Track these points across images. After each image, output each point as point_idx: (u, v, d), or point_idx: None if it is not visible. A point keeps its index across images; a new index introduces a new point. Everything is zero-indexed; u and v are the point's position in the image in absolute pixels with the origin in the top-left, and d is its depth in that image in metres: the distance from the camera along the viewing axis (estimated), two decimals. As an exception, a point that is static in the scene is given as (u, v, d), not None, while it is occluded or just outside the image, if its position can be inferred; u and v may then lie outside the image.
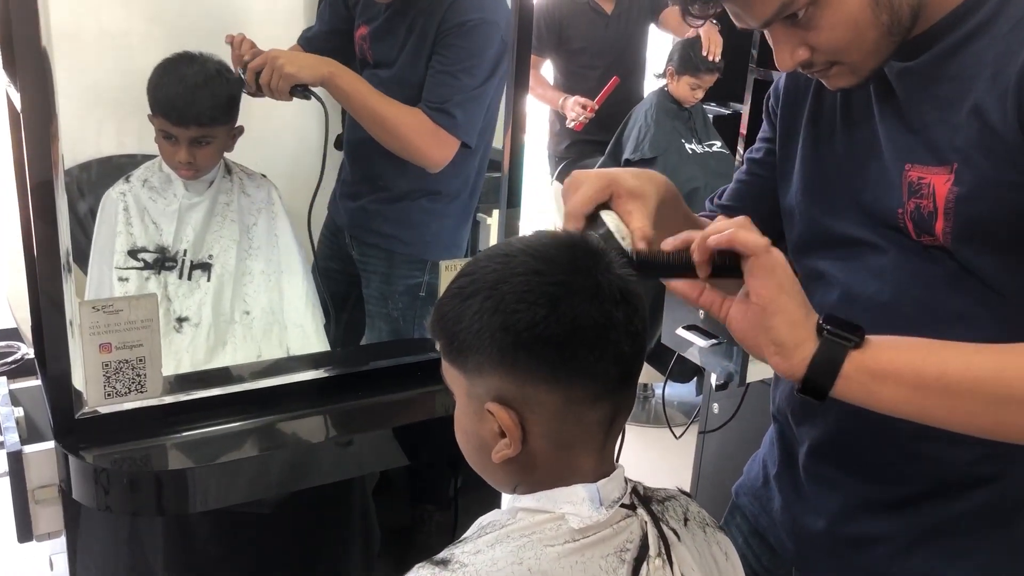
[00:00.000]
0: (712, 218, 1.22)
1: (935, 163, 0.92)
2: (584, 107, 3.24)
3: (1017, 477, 0.98)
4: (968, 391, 0.82)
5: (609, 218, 0.96)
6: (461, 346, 0.81)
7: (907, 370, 0.83)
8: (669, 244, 0.92)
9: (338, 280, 1.92)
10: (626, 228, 0.95)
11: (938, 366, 0.83)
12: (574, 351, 0.78)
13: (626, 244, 0.93)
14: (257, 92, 1.59)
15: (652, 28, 3.60)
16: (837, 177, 1.04)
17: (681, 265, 0.90)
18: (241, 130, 1.70)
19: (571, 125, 3.29)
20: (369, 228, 1.87)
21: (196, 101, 1.59)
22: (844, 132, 1.04)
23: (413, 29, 1.69)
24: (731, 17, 0.95)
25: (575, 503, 0.82)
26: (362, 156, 1.84)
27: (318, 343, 1.80)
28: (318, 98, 1.58)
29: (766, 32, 0.96)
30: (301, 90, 1.57)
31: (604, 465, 0.86)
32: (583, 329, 0.78)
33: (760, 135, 1.21)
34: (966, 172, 0.89)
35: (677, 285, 0.94)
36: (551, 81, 3.56)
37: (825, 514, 1.10)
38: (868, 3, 0.89)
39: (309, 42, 1.83)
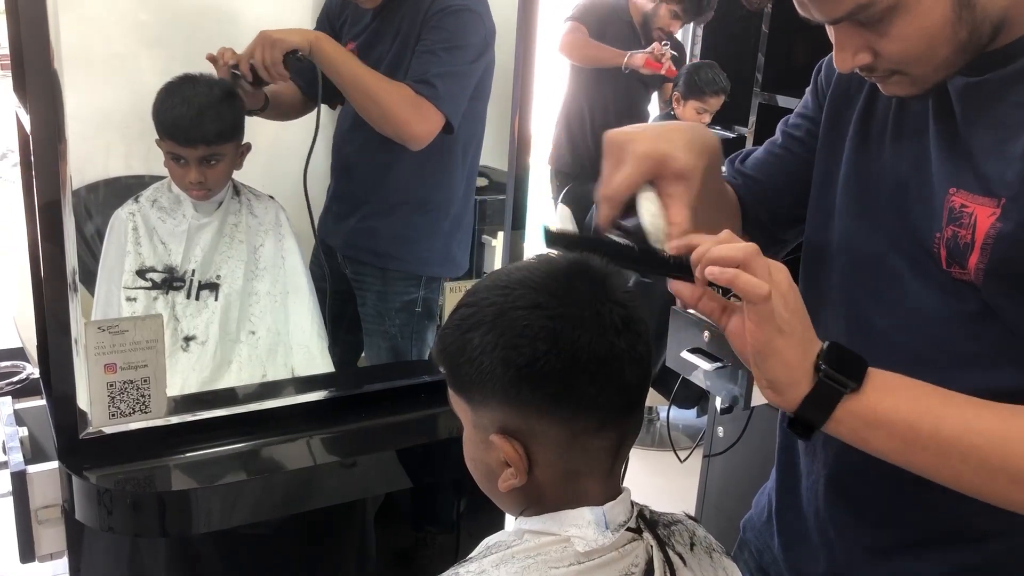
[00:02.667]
0: (733, 184, 1.14)
1: (981, 192, 0.85)
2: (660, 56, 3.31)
3: None
4: (959, 454, 0.80)
5: (646, 209, 0.89)
6: (464, 378, 0.81)
7: (902, 423, 0.81)
8: (672, 248, 0.86)
9: (333, 300, 1.92)
10: (664, 223, 0.88)
11: (934, 423, 0.80)
12: (577, 384, 0.78)
13: (661, 244, 0.88)
14: (256, 83, 1.61)
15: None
16: (880, 185, 0.97)
17: (681, 269, 0.84)
18: (248, 147, 1.71)
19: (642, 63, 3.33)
20: (361, 246, 1.88)
21: (202, 119, 1.61)
22: (894, 139, 0.97)
23: (399, 32, 1.72)
24: (796, 6, 0.88)
25: (581, 526, 0.81)
26: (351, 171, 1.86)
27: (323, 364, 1.80)
28: (311, 62, 1.60)
29: (830, 28, 0.89)
30: (294, 57, 1.58)
31: (611, 488, 0.85)
32: (585, 362, 0.77)
33: (801, 110, 1.12)
34: (1014, 210, 0.82)
35: (676, 286, 0.87)
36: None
37: (826, 557, 1.06)
38: (949, 19, 0.82)
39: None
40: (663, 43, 3.35)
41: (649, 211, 0.89)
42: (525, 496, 0.83)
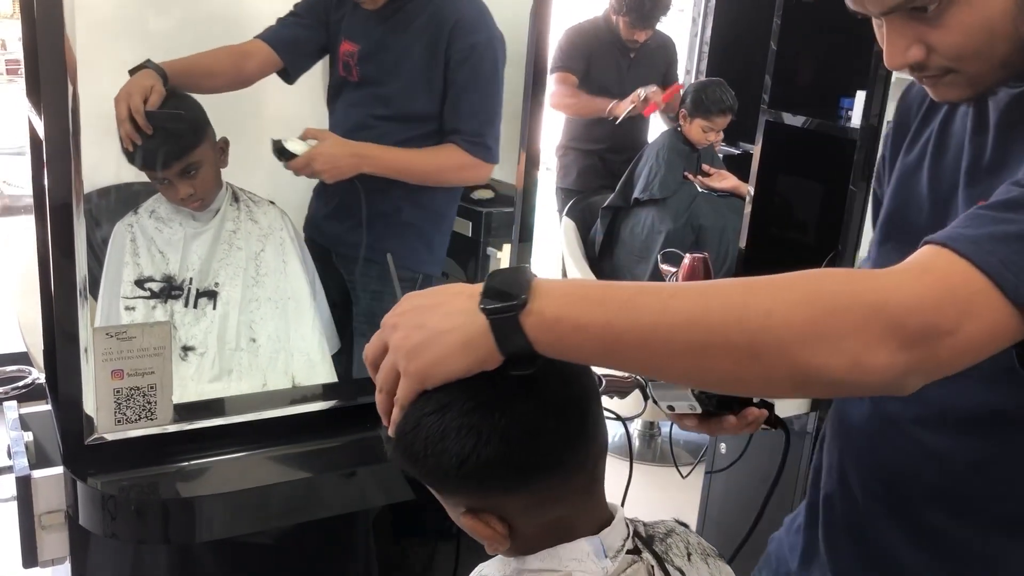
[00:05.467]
0: None
1: None
2: (646, 99, 3.32)
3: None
4: (663, 341, 0.70)
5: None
6: (420, 475, 0.79)
7: (596, 325, 0.71)
8: None
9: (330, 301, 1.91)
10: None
11: (629, 310, 0.71)
12: (517, 462, 0.76)
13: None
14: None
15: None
16: (917, 210, 0.97)
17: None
18: (226, 142, 1.67)
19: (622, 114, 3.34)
20: (358, 244, 1.85)
21: (159, 144, 1.59)
22: (933, 161, 0.96)
23: (411, 51, 1.70)
24: (846, 1, 0.85)
25: (580, 559, 0.81)
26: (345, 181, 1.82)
27: (324, 371, 1.79)
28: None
29: (880, 22, 0.85)
30: None
31: (600, 513, 0.85)
32: (514, 440, 0.75)
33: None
34: None
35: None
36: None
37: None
38: (1010, 11, 0.79)
39: (285, 31, 1.76)
40: (638, 90, 3.35)
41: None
42: (517, 549, 0.83)
